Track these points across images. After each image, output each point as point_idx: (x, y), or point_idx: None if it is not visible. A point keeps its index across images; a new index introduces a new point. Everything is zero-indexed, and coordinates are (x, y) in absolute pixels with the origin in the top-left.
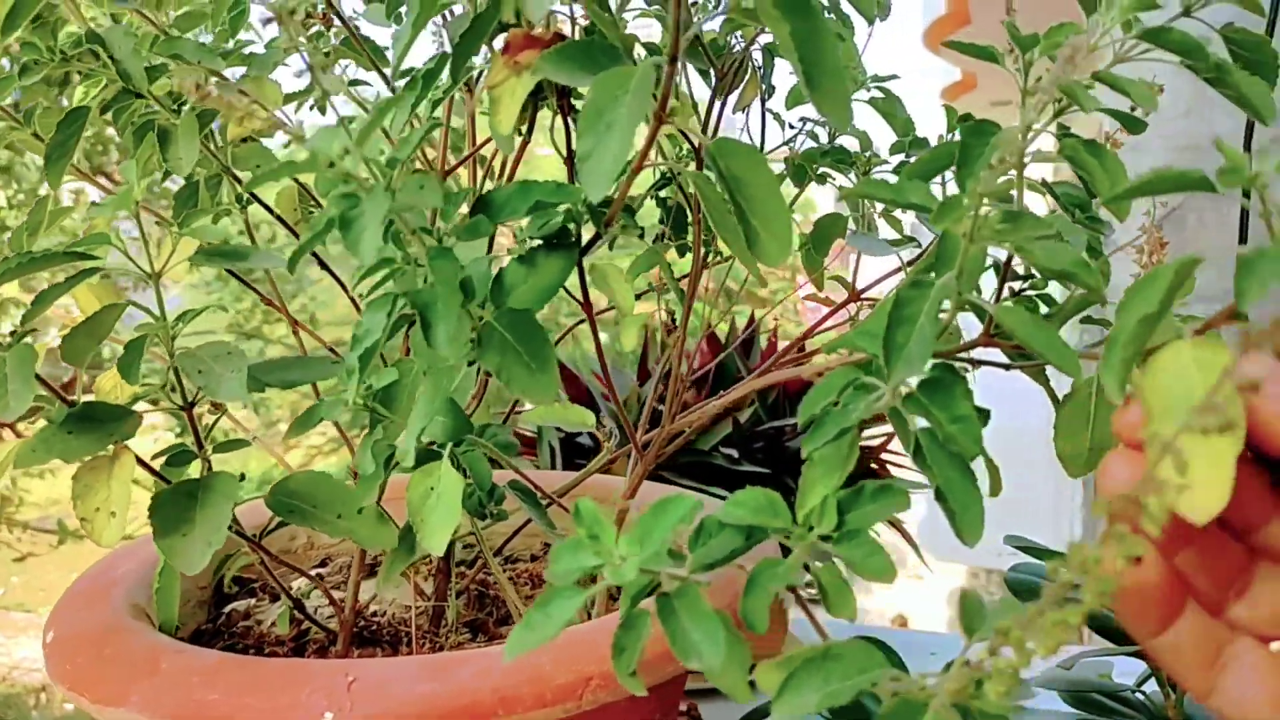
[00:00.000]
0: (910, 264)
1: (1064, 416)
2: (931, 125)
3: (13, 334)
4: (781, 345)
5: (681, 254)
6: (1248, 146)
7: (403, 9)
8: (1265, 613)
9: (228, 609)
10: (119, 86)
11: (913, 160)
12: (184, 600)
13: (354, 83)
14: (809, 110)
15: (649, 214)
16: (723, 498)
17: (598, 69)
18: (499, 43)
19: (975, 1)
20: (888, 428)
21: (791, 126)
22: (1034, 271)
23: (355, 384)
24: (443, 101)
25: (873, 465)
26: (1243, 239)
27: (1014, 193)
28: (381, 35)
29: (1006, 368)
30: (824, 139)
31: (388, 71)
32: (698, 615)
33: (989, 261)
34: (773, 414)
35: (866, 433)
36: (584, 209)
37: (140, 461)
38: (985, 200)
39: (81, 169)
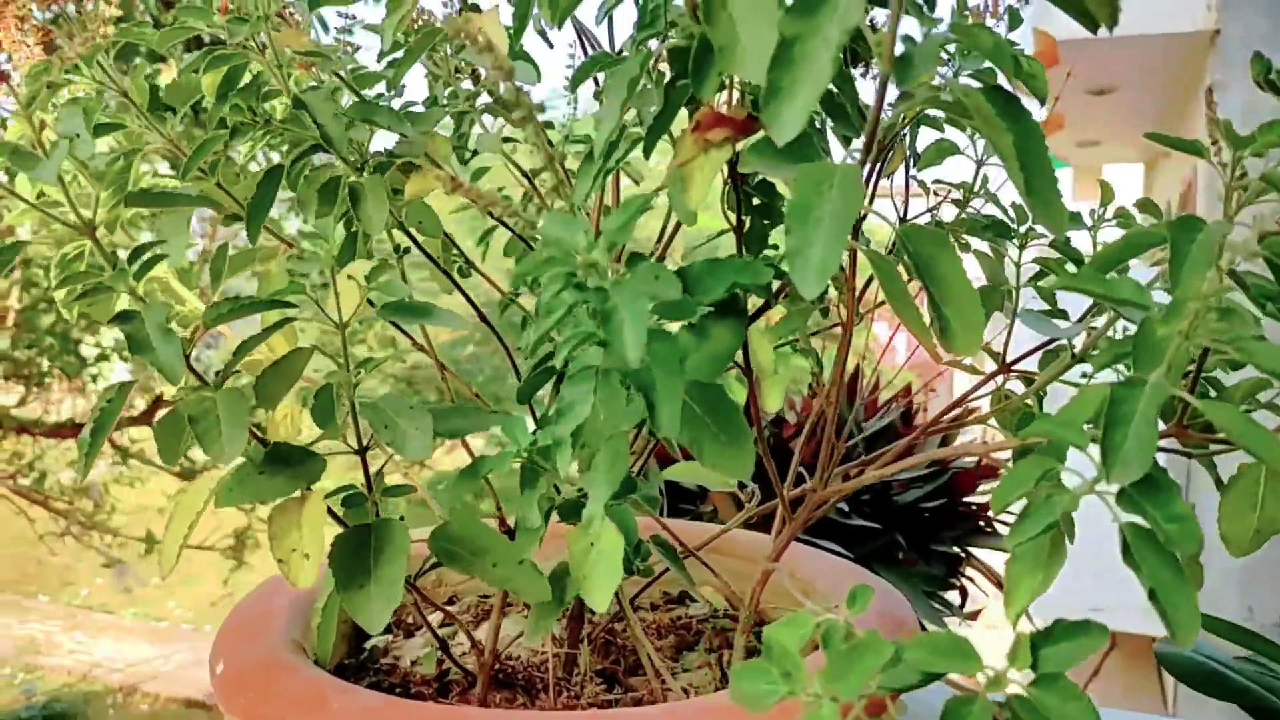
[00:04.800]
0: (1049, 343)
1: (1230, 500)
2: None
3: (217, 375)
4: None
5: (824, 314)
6: None
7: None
8: None
9: (368, 645)
10: (304, 146)
11: (1095, 245)
12: None
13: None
14: (941, 172)
15: None
16: (835, 551)
17: (798, 160)
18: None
19: (1064, 44)
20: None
21: (936, 194)
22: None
23: (566, 455)
24: (610, 172)
25: (980, 523)
26: None
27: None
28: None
29: (1189, 456)
30: (976, 208)
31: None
32: None
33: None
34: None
35: (982, 488)
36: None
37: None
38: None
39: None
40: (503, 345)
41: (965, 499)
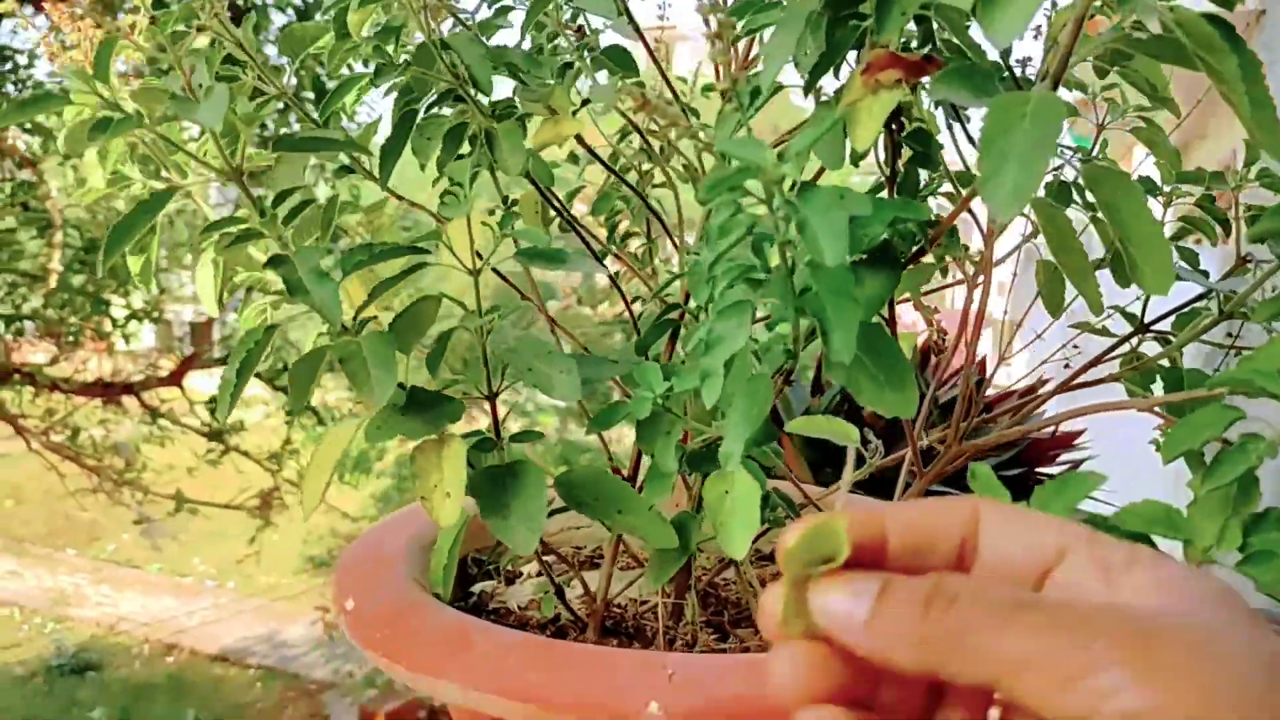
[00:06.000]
0: (1202, 297)
1: None
2: None
3: (355, 320)
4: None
5: (945, 274)
6: None
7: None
8: None
9: (476, 589)
10: (436, 90)
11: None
12: None
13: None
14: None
15: None
16: None
17: (983, 94)
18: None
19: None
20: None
21: (1060, 154)
22: None
23: (717, 387)
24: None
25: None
26: None
27: None
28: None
29: None
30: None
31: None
32: None
33: None
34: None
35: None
36: (914, 227)
37: None
38: None
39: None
40: (620, 294)
41: (1040, 469)
